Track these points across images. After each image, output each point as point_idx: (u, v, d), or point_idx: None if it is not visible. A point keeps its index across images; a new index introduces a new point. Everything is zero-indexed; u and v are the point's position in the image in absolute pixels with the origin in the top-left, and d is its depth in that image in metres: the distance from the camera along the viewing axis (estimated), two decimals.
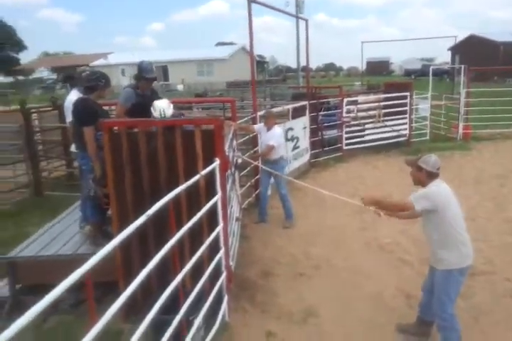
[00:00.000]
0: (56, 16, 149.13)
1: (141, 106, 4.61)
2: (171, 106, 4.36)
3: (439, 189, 3.36)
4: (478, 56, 35.24)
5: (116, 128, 3.68)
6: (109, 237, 3.97)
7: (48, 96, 16.95)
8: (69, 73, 5.39)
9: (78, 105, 4.31)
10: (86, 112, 4.22)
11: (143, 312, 2.33)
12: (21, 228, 6.22)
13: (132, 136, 3.64)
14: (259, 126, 6.64)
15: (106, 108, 5.64)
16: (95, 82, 4.36)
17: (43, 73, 51.14)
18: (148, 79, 4.77)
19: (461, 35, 41.03)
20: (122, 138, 3.61)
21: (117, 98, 4.99)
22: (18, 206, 7.38)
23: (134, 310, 3.22)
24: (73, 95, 4.69)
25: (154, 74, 4.81)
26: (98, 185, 4.25)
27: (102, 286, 3.90)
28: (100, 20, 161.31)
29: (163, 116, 4.26)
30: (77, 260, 1.76)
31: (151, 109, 4.36)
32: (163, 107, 4.32)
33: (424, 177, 3.41)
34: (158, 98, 4.87)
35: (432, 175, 3.40)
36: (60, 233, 4.79)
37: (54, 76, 48.74)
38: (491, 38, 38.15)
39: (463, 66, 13.77)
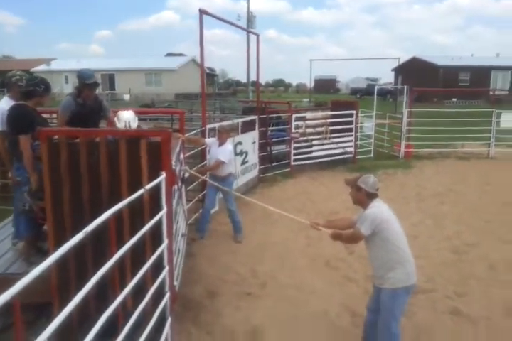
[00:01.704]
0: None
1: (79, 116, 4.37)
2: (136, 118, 4.23)
3: (380, 209, 3.41)
4: (420, 78, 37.05)
5: (55, 137, 3.45)
6: (44, 254, 3.71)
7: None
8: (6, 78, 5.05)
9: (13, 111, 3.99)
10: (22, 119, 3.92)
11: (79, 336, 2.13)
12: None
13: (72, 146, 3.42)
14: (211, 140, 6.54)
15: (46, 116, 5.36)
16: (33, 87, 4.07)
17: None
18: (89, 85, 4.50)
19: (405, 57, 43.06)
20: (62, 149, 3.38)
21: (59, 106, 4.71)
22: None
23: (70, 334, 2.99)
24: (4, 102, 4.36)
25: (95, 79, 4.55)
26: (33, 199, 3.96)
27: (34, 308, 3.62)
28: (45, 25, 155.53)
29: (127, 128, 4.12)
30: (8, 280, 1.58)
31: (115, 119, 4.21)
32: (129, 119, 4.21)
33: (362, 197, 3.46)
34: (102, 107, 4.67)
35: (371, 196, 3.45)
36: None
37: None
38: (432, 61, 40.20)
39: (406, 87, 14.39)
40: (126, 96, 38.65)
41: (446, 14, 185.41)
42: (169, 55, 58.38)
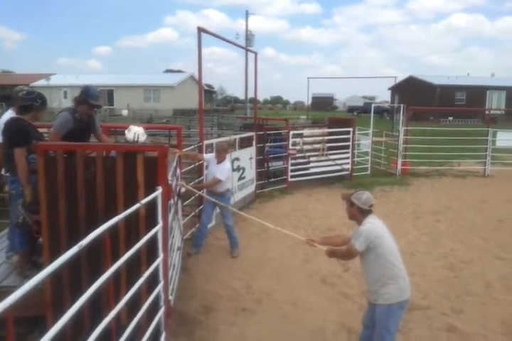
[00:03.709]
0: None
1: (78, 133, 4.39)
2: (146, 134, 4.36)
3: (374, 225, 3.43)
4: (416, 96, 37.45)
5: (51, 151, 3.47)
6: (39, 268, 3.70)
7: None
8: (6, 92, 5.09)
9: (9, 125, 4.04)
10: (17, 133, 3.95)
11: None
12: None
13: (69, 160, 3.45)
14: (209, 156, 6.57)
15: (43, 130, 5.39)
16: (30, 101, 4.11)
17: None
18: (91, 106, 4.54)
19: (401, 76, 43.59)
20: (58, 163, 3.40)
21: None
22: None
23: None
24: (8, 115, 4.41)
25: (100, 102, 4.60)
26: (28, 212, 3.96)
27: (27, 321, 3.58)
28: (44, 40, 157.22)
29: (135, 140, 4.24)
30: (1, 293, 1.58)
31: (126, 130, 4.31)
32: (138, 132, 4.38)
33: (356, 213, 3.50)
34: (94, 122, 4.71)
35: (364, 212, 3.47)
36: None
37: None
38: (429, 80, 40.66)
39: (402, 105, 14.55)
40: (125, 112, 38.86)
41: (443, 35, 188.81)
42: (168, 71, 58.99)
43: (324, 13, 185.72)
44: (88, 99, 4.43)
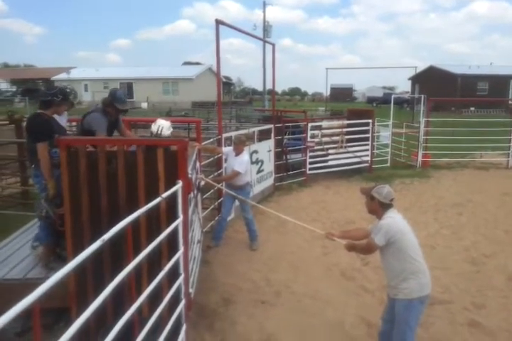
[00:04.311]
0: (16, 27, 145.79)
1: (109, 130, 4.48)
2: (171, 128, 4.46)
3: (395, 220, 3.39)
4: (437, 86, 36.82)
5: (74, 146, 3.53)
6: (63, 261, 3.77)
7: (5, 109, 16.41)
8: (29, 86, 5.15)
9: (31, 120, 4.13)
10: (39, 127, 4.03)
11: None
12: None
13: (91, 154, 3.50)
14: (227, 150, 6.59)
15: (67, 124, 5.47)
16: (51, 97, 4.18)
17: (1, 85, 49.40)
18: (119, 110, 4.61)
19: (421, 66, 42.84)
20: (81, 157, 3.46)
21: (78, 114, 4.81)
22: None
23: (87, 339, 3.03)
24: None
25: (127, 107, 4.66)
26: (51, 205, 4.04)
27: (53, 312, 3.67)
28: (63, 34, 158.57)
29: (159, 133, 4.32)
30: (27, 285, 1.62)
31: (153, 123, 4.42)
32: (163, 125, 4.48)
33: (376, 207, 3.46)
34: (118, 121, 4.78)
35: (385, 206, 3.44)
36: (10, 255, 4.50)
37: (13, 88, 47.27)
38: (450, 69, 39.87)
39: (423, 96, 14.31)
40: (144, 105, 39.13)
41: (463, 22, 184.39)
42: (186, 63, 59.08)
43: (342, 2, 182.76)
44: (115, 103, 4.49)
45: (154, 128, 4.53)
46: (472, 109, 36.41)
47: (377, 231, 3.35)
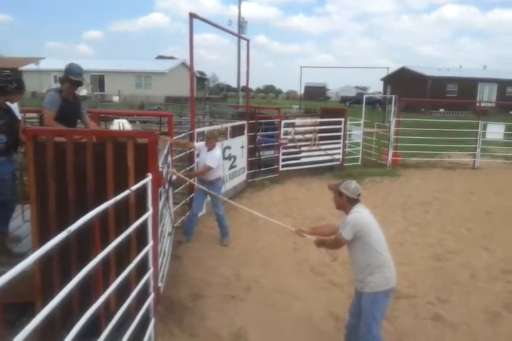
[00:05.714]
0: None
1: (66, 112, 4.38)
2: (130, 125, 4.52)
3: (362, 214, 3.46)
4: (408, 87, 37.50)
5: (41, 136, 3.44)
6: (9, 256, 3.66)
7: None
8: None
9: None
10: None
11: (61, 336, 2.12)
12: None
13: (59, 146, 3.42)
14: (200, 144, 6.54)
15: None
16: (4, 83, 4.04)
17: None
18: (73, 82, 4.51)
19: (394, 67, 43.50)
20: (48, 148, 3.37)
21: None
22: None
23: (51, 333, 2.96)
24: None
25: (81, 78, 4.56)
26: None
27: (16, 308, 3.57)
28: (33, 22, 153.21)
29: (122, 129, 4.38)
30: None
31: (111, 125, 4.48)
32: (123, 122, 4.54)
33: (344, 202, 3.53)
34: (81, 107, 4.72)
35: (352, 201, 3.50)
36: None
37: None
38: (421, 71, 40.66)
39: (394, 96, 14.56)
40: (116, 98, 38.48)
41: (434, 25, 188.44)
42: (160, 57, 58.30)
43: (317, 1, 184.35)
44: (69, 75, 4.43)
45: (115, 126, 4.64)
46: (441, 110, 37.27)
47: (344, 226, 3.40)
